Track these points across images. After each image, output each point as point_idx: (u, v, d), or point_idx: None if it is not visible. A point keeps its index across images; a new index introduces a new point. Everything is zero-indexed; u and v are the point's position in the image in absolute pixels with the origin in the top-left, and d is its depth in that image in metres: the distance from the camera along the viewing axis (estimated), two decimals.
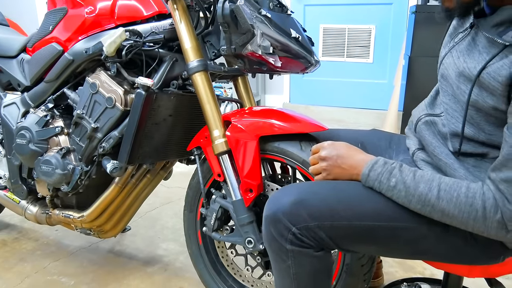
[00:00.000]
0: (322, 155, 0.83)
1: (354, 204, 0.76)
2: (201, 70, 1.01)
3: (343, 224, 0.75)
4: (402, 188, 0.72)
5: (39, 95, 1.26)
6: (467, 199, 0.67)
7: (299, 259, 0.78)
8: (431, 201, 0.70)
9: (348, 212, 0.75)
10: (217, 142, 1.01)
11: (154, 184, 1.37)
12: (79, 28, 1.15)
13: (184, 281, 1.42)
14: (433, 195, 0.69)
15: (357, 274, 1.00)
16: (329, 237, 0.76)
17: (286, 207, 0.76)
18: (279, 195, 0.79)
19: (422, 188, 0.71)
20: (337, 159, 0.81)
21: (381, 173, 0.75)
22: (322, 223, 0.75)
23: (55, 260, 1.55)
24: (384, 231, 0.75)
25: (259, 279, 1.17)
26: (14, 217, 1.91)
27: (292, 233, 0.76)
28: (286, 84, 3.81)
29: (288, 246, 0.77)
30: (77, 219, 1.30)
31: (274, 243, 0.79)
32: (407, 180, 0.72)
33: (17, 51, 1.33)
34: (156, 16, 1.12)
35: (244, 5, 0.94)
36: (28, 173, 1.32)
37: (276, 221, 0.77)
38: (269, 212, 0.79)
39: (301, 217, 0.75)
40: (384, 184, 0.74)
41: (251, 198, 1.00)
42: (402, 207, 0.75)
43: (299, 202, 0.76)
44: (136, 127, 1.06)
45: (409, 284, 1.11)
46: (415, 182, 0.72)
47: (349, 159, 0.81)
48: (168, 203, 2.10)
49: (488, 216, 0.65)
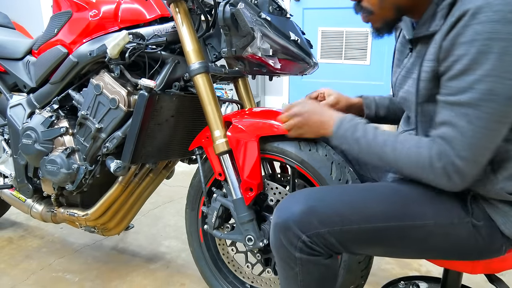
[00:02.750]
0: (293, 112, 0.88)
1: (362, 207, 0.77)
2: (202, 72, 1.03)
3: (353, 228, 0.76)
4: (364, 141, 0.79)
5: (44, 96, 1.28)
6: (417, 149, 0.73)
7: (307, 266, 0.79)
8: (388, 152, 0.76)
9: (357, 216, 0.76)
10: (218, 142, 1.03)
11: (157, 183, 1.39)
12: (83, 31, 1.17)
13: (186, 278, 1.44)
14: (390, 146, 0.75)
15: (354, 271, 1.01)
16: (339, 242, 0.77)
17: (296, 215, 0.76)
18: (288, 204, 0.79)
19: (381, 140, 0.77)
20: (308, 116, 0.87)
21: (348, 129, 0.81)
22: (332, 229, 0.76)
23: (60, 257, 1.58)
24: (393, 231, 0.76)
25: (259, 275, 1.19)
26: (20, 215, 1.94)
27: (302, 241, 0.76)
28: (285, 86, 3.83)
29: (297, 254, 0.77)
30: (81, 217, 1.32)
31: (283, 250, 0.79)
32: (369, 133, 0.79)
33: (23, 54, 1.35)
34: (158, 19, 1.13)
35: (244, 9, 0.95)
36: (34, 172, 1.34)
37: (286, 229, 0.77)
38: (278, 219, 0.79)
39: (312, 225, 0.76)
40: (349, 138, 0.80)
41: (251, 197, 1.02)
42: (408, 205, 0.77)
43: (308, 209, 0.77)
44: (139, 128, 1.08)
45: (406, 283, 1.12)
46: (375, 135, 0.78)
47: (319, 116, 0.86)
48: (170, 202, 2.12)
49: (434, 165, 0.71)
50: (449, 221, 0.76)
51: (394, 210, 0.77)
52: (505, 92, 0.64)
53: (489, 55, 0.63)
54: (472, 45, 0.64)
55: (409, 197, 0.79)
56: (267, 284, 1.17)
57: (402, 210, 0.77)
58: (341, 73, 3.55)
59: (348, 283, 1.03)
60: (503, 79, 0.64)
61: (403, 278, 1.17)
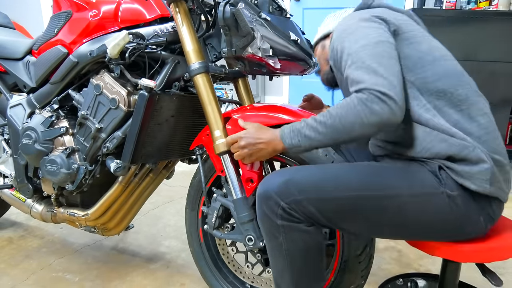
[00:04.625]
0: (242, 145, 0.93)
1: (338, 178, 0.84)
2: (202, 71, 1.03)
3: (328, 197, 0.82)
4: (308, 122, 0.84)
5: (44, 96, 1.28)
6: (345, 103, 0.80)
7: (290, 234, 0.84)
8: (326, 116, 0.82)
9: (333, 184, 0.83)
10: (218, 142, 1.02)
11: (157, 183, 1.40)
12: (83, 31, 1.17)
13: (186, 278, 1.44)
14: (327, 113, 0.82)
15: (354, 270, 1.02)
16: (318, 211, 0.82)
17: (276, 185, 0.84)
18: (270, 177, 0.87)
19: (320, 115, 0.83)
20: (257, 143, 0.91)
21: (292, 125, 0.87)
22: (309, 196, 0.82)
23: (60, 257, 1.58)
24: (368, 202, 0.82)
25: (259, 275, 1.19)
26: (20, 215, 1.94)
27: (282, 207, 0.83)
28: (285, 86, 3.83)
29: (279, 221, 0.84)
30: (81, 217, 1.32)
31: (267, 220, 0.85)
32: (309, 123, 0.84)
33: (23, 53, 1.35)
34: (158, 19, 1.14)
35: (244, 9, 0.96)
36: (34, 172, 1.34)
37: (267, 198, 0.84)
38: (260, 191, 0.86)
39: (290, 192, 0.83)
40: (297, 129, 0.85)
41: (252, 188, 1.02)
42: (382, 177, 0.83)
43: (288, 180, 0.84)
44: (139, 128, 1.08)
45: (404, 280, 1.12)
46: (314, 121, 0.84)
47: (266, 139, 0.91)
48: (170, 202, 2.12)
49: (362, 100, 0.78)
50: (423, 191, 0.81)
51: (368, 181, 0.83)
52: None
53: (344, 43, 0.85)
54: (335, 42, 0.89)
55: (383, 170, 0.85)
56: (267, 284, 1.17)
57: (376, 181, 0.83)
58: None
59: (348, 282, 1.03)
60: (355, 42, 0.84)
61: (401, 275, 1.17)
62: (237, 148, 0.95)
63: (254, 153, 0.93)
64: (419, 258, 1.57)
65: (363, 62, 0.80)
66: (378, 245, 1.67)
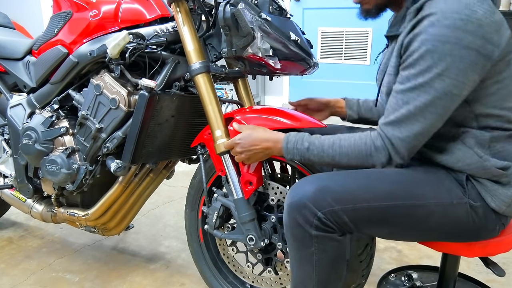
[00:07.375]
0: (238, 151, 0.95)
1: (372, 187, 0.82)
2: (203, 71, 1.03)
3: (364, 206, 0.81)
4: (314, 148, 0.85)
5: (44, 96, 1.28)
6: (361, 140, 0.82)
7: (323, 244, 0.82)
8: (336, 150, 0.83)
9: (367, 195, 0.81)
10: (219, 142, 1.02)
11: (157, 183, 1.39)
12: (83, 31, 1.17)
13: (185, 278, 1.45)
14: (337, 145, 0.83)
15: (356, 269, 1.02)
16: (350, 220, 0.81)
17: (310, 193, 0.81)
18: (301, 185, 0.84)
19: (327, 143, 0.85)
20: (252, 148, 0.93)
21: (296, 141, 0.87)
22: (345, 206, 0.80)
23: (60, 257, 1.58)
24: (399, 210, 0.81)
25: (260, 275, 1.19)
26: (20, 215, 1.94)
27: (318, 218, 0.80)
28: (286, 86, 3.84)
29: (314, 232, 0.81)
30: (81, 217, 1.32)
31: (298, 230, 0.82)
32: (315, 142, 0.86)
33: (23, 54, 1.35)
34: (159, 19, 1.14)
35: (244, 9, 0.95)
36: (34, 173, 1.34)
37: (302, 207, 0.81)
38: (293, 199, 0.82)
39: (326, 202, 0.80)
40: (300, 149, 0.86)
41: (251, 190, 1.02)
42: (413, 185, 0.83)
43: (322, 188, 0.81)
44: (139, 128, 1.08)
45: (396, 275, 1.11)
46: (321, 141, 0.86)
47: (261, 143, 0.92)
48: (170, 202, 2.13)
49: (379, 150, 0.81)
50: (448, 201, 0.81)
51: (400, 190, 0.82)
52: (441, 87, 0.74)
53: (434, 54, 0.73)
54: (423, 44, 0.74)
55: (412, 179, 0.84)
56: (267, 284, 1.17)
57: (407, 190, 0.82)
58: (341, 73, 3.56)
59: (349, 282, 1.03)
60: (442, 76, 0.73)
61: (393, 270, 1.16)
62: (235, 153, 0.97)
63: (252, 156, 0.95)
64: (419, 258, 1.57)
65: (415, 103, 0.76)
66: (378, 245, 1.67)
